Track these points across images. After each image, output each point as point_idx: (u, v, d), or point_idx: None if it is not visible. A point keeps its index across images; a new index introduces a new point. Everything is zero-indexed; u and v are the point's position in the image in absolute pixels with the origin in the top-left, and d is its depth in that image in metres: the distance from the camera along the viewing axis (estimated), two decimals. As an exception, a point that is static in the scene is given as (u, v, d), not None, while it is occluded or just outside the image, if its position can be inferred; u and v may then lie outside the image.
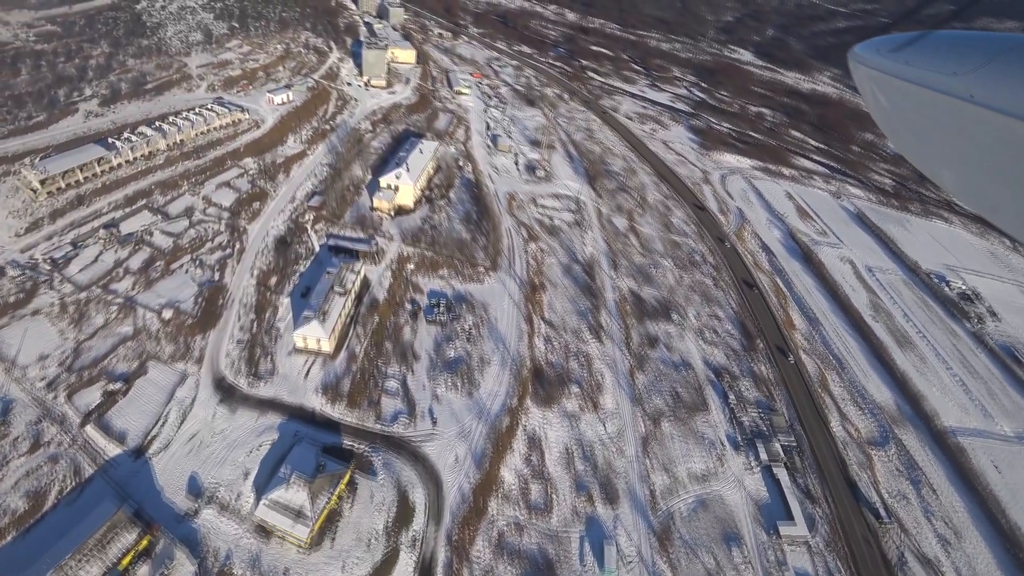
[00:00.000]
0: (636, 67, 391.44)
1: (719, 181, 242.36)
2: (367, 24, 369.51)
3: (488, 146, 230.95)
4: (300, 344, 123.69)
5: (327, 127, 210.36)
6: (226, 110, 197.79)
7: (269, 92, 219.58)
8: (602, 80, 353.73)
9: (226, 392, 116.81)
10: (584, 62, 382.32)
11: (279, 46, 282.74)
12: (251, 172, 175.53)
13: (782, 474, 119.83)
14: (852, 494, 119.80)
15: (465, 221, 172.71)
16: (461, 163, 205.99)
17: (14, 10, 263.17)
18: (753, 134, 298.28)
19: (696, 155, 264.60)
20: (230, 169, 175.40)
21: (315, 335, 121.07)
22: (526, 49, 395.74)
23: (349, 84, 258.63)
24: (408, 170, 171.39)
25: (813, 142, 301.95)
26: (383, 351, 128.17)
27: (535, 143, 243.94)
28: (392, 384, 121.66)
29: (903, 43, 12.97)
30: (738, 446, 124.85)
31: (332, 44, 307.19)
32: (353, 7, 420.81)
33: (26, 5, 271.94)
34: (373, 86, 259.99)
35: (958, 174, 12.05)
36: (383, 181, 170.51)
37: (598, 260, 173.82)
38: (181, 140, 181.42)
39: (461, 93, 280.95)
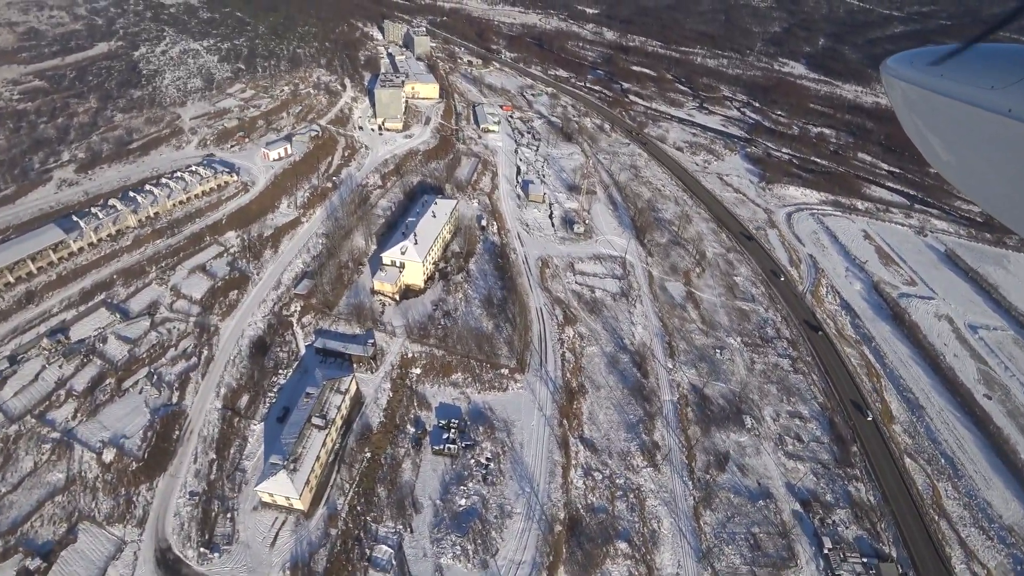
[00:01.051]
0: (682, 87, 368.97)
1: (785, 221, 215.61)
2: (390, 55, 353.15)
3: (518, 196, 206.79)
4: (267, 499, 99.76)
5: (329, 185, 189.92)
6: (213, 171, 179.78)
7: (266, 146, 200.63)
8: (646, 104, 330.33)
9: (170, 570, 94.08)
10: (625, 84, 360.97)
11: (286, 88, 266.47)
12: (232, 250, 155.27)
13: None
14: None
15: (486, 303, 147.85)
16: (485, 222, 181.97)
17: (3, 65, 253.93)
18: (817, 160, 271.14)
19: (756, 190, 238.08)
20: (208, 248, 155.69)
21: (283, 491, 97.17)
22: (562, 73, 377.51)
23: (360, 128, 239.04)
24: (416, 242, 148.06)
25: (884, 166, 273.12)
26: (374, 501, 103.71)
27: (573, 188, 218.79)
28: (383, 553, 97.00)
29: (938, 56, 12.80)
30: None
31: (346, 82, 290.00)
32: (379, 37, 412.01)
33: (16, 59, 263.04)
34: (388, 129, 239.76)
35: (996, 190, 11.92)
36: (386, 257, 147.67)
37: (651, 345, 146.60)
38: (155, 213, 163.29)
39: (488, 131, 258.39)
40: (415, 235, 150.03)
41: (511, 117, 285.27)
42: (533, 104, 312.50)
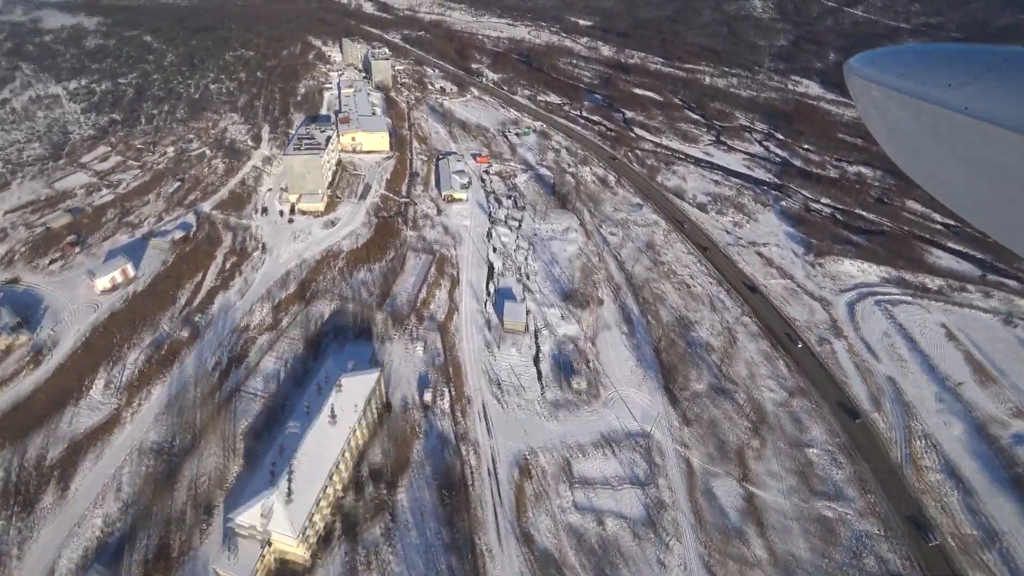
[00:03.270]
0: (692, 114, 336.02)
1: (848, 320, 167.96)
2: (339, 86, 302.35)
3: (488, 324, 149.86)
4: None
5: (185, 334, 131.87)
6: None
7: (97, 267, 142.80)
8: (654, 140, 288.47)
9: None
10: (628, 112, 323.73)
11: (170, 149, 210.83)
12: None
13: None
14: None
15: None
16: (431, 395, 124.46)
17: None
18: (863, 214, 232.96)
19: (804, 268, 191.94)
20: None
21: None
22: (554, 98, 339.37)
23: (264, 212, 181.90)
24: (291, 490, 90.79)
25: (938, 217, 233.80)
26: None
27: (570, 296, 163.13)
28: None
29: (899, 55, 14.31)
30: None
31: (264, 133, 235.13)
32: (339, 58, 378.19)
33: None
34: (303, 212, 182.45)
35: (954, 186, 13.01)
36: (240, 521, 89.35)
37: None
38: None
39: (453, 200, 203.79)
40: (290, 474, 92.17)
41: (487, 172, 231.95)
42: (517, 148, 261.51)
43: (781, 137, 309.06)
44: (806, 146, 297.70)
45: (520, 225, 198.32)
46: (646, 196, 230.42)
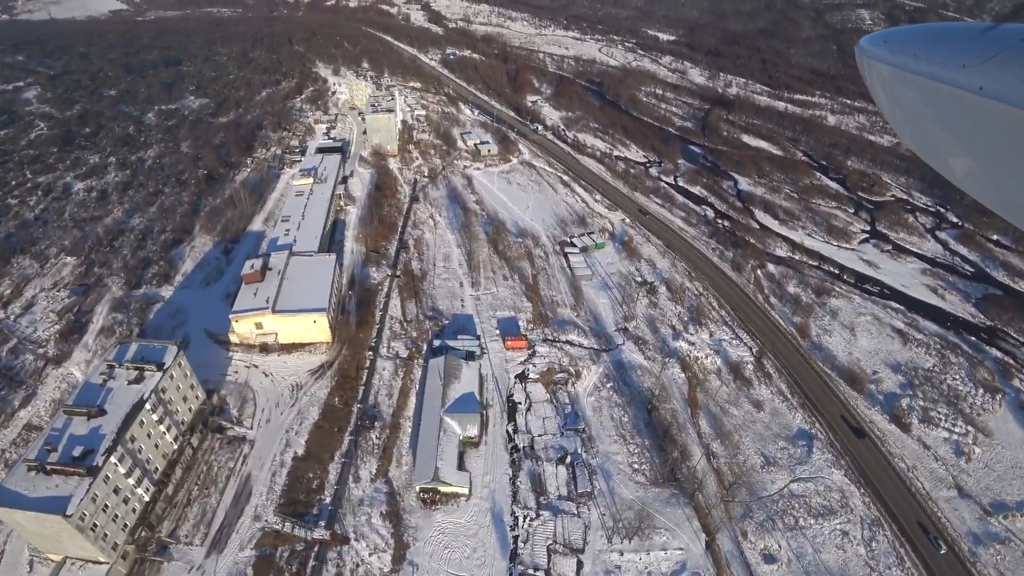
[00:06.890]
0: (826, 179, 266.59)
1: None
2: (321, 147, 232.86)
3: None
4: None
5: None
6: None
7: None
8: (788, 237, 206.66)
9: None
10: (741, 180, 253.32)
11: None
12: None
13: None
14: None
15: None
16: None
17: None
18: None
19: None
20: None
21: None
22: (636, 153, 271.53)
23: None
24: None
25: None
26: None
27: None
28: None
29: (911, 36, 14.56)
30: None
31: (100, 308, 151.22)
32: (345, 95, 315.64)
33: None
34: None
35: (966, 166, 13.57)
36: None
37: None
38: None
39: (437, 499, 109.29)
40: None
41: (523, 376, 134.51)
42: (583, 284, 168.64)
43: (956, 220, 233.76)
44: (994, 236, 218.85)
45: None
46: (806, 396, 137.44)
